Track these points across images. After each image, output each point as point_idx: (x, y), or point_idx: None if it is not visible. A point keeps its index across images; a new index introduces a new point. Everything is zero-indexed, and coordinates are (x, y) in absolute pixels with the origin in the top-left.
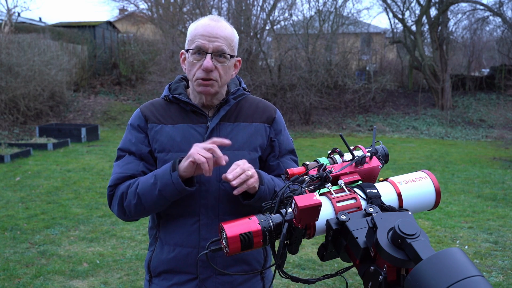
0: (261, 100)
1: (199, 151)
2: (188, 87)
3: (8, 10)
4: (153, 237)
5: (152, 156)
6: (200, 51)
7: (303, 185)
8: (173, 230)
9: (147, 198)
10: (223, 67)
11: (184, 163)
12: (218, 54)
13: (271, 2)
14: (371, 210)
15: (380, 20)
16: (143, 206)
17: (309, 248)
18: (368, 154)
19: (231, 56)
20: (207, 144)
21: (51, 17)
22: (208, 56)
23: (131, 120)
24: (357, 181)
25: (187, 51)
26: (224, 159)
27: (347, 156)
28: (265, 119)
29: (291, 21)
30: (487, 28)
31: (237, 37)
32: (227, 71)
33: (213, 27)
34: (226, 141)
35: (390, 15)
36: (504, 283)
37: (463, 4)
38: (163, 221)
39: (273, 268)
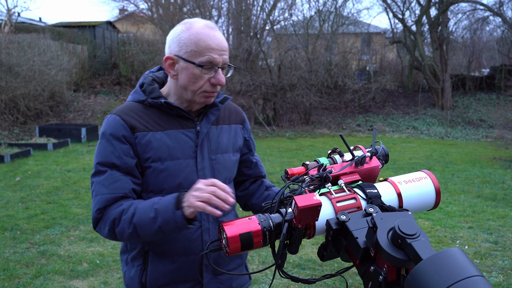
0: (231, 104)
1: (199, 198)
2: (160, 87)
3: (8, 10)
4: (139, 251)
5: (138, 168)
6: (212, 66)
7: (303, 185)
8: (174, 240)
9: (144, 230)
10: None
11: (189, 210)
12: (226, 66)
13: (271, 2)
14: (371, 210)
15: (380, 20)
16: (139, 236)
17: (309, 248)
18: (368, 154)
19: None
20: (210, 188)
21: (51, 17)
22: (220, 70)
23: (110, 130)
24: (357, 181)
25: (189, 62)
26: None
27: (347, 156)
28: (239, 120)
29: (291, 21)
30: (487, 28)
31: None
32: None
33: (219, 39)
34: (231, 200)
35: (390, 15)
36: (504, 283)
37: (463, 4)
38: None
39: (273, 268)
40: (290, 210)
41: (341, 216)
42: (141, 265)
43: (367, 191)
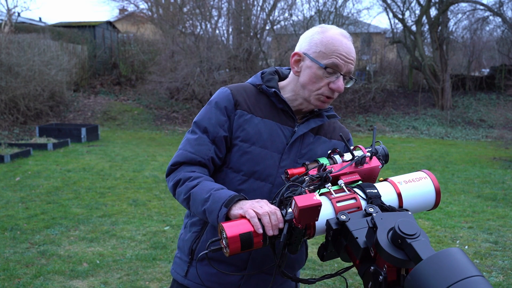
0: (337, 121)
1: (256, 208)
2: (279, 80)
3: (8, 10)
4: (200, 218)
5: (226, 142)
6: (334, 69)
7: (303, 185)
8: None
9: (194, 205)
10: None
11: (237, 211)
12: (348, 75)
13: (271, 2)
14: (371, 210)
15: (380, 20)
16: (189, 206)
17: (309, 248)
18: (368, 154)
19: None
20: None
21: (51, 17)
22: (341, 77)
23: (217, 98)
24: (357, 181)
25: (315, 61)
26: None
27: (347, 156)
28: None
29: (291, 21)
30: (487, 28)
31: None
32: None
33: (349, 48)
34: (276, 231)
35: (390, 15)
36: (504, 283)
37: (463, 4)
38: None
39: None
40: (290, 210)
41: (341, 216)
42: (197, 232)
43: (367, 191)
